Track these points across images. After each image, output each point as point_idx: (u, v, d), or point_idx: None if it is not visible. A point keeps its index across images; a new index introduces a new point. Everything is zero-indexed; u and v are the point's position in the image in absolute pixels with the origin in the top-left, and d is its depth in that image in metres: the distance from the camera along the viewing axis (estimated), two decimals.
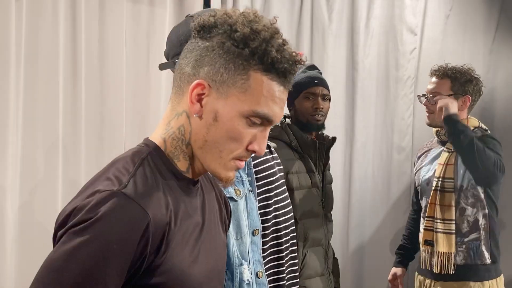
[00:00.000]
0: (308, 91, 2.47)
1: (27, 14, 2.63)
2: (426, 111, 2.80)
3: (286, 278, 2.06)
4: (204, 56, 1.05)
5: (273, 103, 1.06)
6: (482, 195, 2.67)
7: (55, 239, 1.03)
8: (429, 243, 2.73)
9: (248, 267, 1.55)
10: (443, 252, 2.67)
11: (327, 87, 2.52)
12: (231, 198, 1.53)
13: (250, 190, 1.68)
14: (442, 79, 2.75)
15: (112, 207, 0.96)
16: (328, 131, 2.64)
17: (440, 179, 2.70)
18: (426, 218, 2.75)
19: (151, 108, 2.91)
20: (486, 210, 2.68)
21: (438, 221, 2.71)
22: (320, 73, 2.58)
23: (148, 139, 1.12)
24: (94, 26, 2.80)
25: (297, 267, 2.17)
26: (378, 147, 3.52)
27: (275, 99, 1.06)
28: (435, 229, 2.71)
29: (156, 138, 1.11)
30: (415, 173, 2.93)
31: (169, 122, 1.10)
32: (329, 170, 2.60)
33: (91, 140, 2.79)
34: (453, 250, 2.66)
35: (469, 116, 2.77)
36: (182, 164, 1.10)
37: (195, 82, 1.05)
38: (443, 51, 3.60)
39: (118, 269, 0.97)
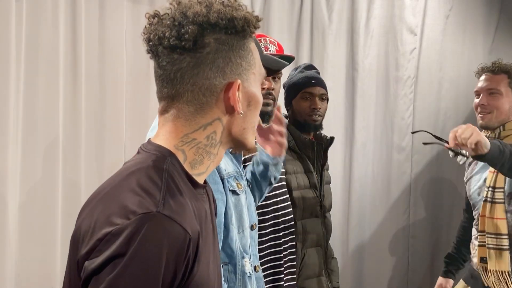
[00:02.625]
0: (305, 91, 2.47)
1: (27, 14, 2.63)
2: (481, 112, 2.54)
3: (285, 279, 2.06)
4: (215, 61, 1.02)
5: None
6: None
7: (80, 263, 0.94)
8: (484, 260, 2.47)
9: (249, 260, 1.55)
10: (496, 271, 2.42)
11: (324, 87, 2.52)
12: (234, 192, 1.53)
13: (248, 185, 1.69)
14: (497, 74, 2.53)
15: (155, 232, 0.90)
16: (328, 131, 2.64)
17: (490, 189, 2.46)
18: (479, 233, 2.50)
19: (151, 108, 2.91)
20: None
21: (489, 235, 2.45)
22: (318, 73, 2.58)
23: (160, 146, 1.05)
24: (94, 26, 2.80)
25: (295, 269, 2.17)
26: (378, 147, 3.53)
27: None
28: (487, 245, 2.46)
29: (169, 146, 1.05)
30: (466, 182, 2.67)
31: (187, 135, 1.05)
32: (327, 170, 2.60)
33: (91, 140, 2.80)
34: (508, 268, 2.39)
35: None
36: (203, 166, 1.07)
37: (234, 85, 1.03)
38: (443, 51, 3.60)
39: None
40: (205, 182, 1.13)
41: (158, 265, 0.89)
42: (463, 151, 2.03)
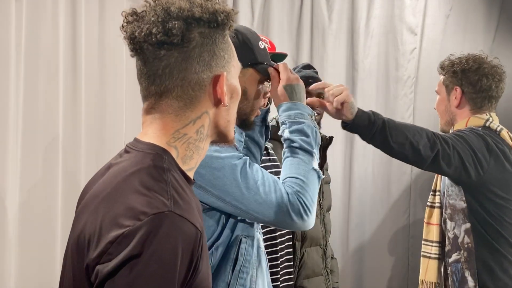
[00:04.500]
0: None
1: (27, 14, 2.64)
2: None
3: (281, 279, 2.07)
4: (201, 55, 1.03)
5: None
6: (461, 205, 2.13)
7: (90, 268, 0.93)
8: None
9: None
10: (422, 281, 2.27)
11: None
12: None
13: None
14: (440, 74, 2.33)
15: (170, 232, 0.89)
16: (328, 131, 2.64)
17: (432, 193, 2.33)
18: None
19: None
20: (469, 225, 2.11)
21: (424, 242, 2.30)
22: (316, 73, 2.58)
23: (152, 144, 1.03)
24: (94, 26, 2.80)
25: (291, 270, 2.17)
26: None
27: None
28: (421, 252, 2.32)
29: (162, 144, 1.03)
30: None
31: (178, 131, 1.04)
32: (327, 170, 2.59)
33: (91, 139, 2.80)
34: (433, 279, 2.23)
35: (476, 115, 2.22)
36: (193, 162, 1.07)
37: (221, 77, 1.04)
38: (443, 51, 3.59)
39: None
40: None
41: (174, 264, 0.89)
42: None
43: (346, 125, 1.88)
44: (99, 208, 0.97)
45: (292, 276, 2.18)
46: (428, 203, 2.33)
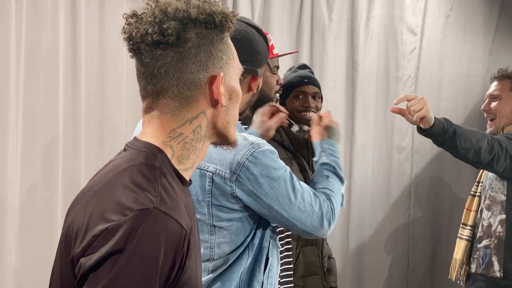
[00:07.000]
0: (298, 89, 2.47)
1: (27, 14, 2.64)
2: (487, 117, 2.68)
3: (281, 275, 2.07)
4: (197, 55, 1.04)
5: None
6: (501, 198, 2.49)
7: (75, 261, 0.94)
8: None
9: None
10: (454, 259, 2.62)
11: (317, 86, 2.52)
12: None
13: None
14: (502, 80, 2.68)
15: (153, 228, 0.91)
16: None
17: (476, 183, 2.68)
18: None
19: None
20: (504, 216, 2.47)
21: (461, 225, 2.68)
22: (312, 72, 2.58)
23: (148, 143, 1.05)
24: (94, 26, 2.80)
25: (291, 266, 2.17)
26: (378, 147, 3.53)
27: None
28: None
29: (157, 143, 1.05)
30: None
31: (174, 130, 1.05)
32: None
33: (91, 139, 2.80)
34: (461, 257, 2.58)
35: None
36: (189, 162, 1.08)
37: (217, 78, 1.05)
38: (443, 51, 3.60)
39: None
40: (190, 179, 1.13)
41: (156, 261, 0.90)
42: (303, 127, 2.20)
43: (422, 131, 2.25)
44: (89, 202, 0.99)
45: (291, 272, 2.18)
46: (472, 192, 2.68)
